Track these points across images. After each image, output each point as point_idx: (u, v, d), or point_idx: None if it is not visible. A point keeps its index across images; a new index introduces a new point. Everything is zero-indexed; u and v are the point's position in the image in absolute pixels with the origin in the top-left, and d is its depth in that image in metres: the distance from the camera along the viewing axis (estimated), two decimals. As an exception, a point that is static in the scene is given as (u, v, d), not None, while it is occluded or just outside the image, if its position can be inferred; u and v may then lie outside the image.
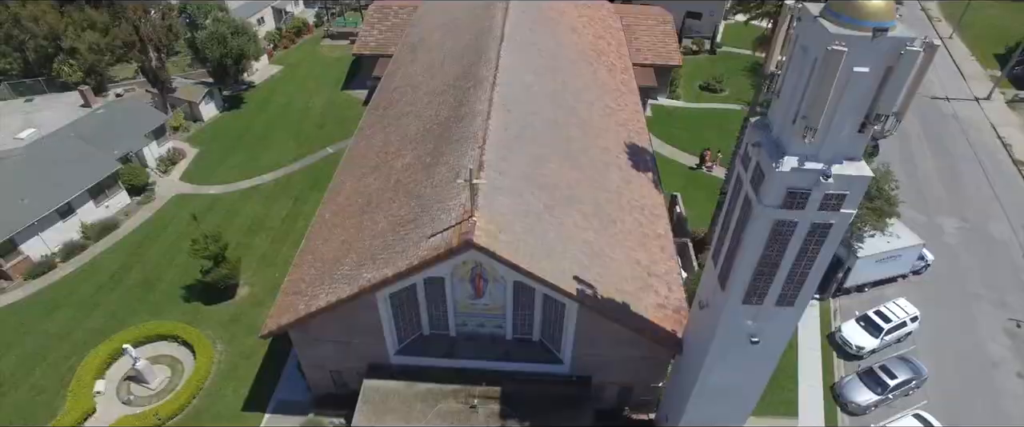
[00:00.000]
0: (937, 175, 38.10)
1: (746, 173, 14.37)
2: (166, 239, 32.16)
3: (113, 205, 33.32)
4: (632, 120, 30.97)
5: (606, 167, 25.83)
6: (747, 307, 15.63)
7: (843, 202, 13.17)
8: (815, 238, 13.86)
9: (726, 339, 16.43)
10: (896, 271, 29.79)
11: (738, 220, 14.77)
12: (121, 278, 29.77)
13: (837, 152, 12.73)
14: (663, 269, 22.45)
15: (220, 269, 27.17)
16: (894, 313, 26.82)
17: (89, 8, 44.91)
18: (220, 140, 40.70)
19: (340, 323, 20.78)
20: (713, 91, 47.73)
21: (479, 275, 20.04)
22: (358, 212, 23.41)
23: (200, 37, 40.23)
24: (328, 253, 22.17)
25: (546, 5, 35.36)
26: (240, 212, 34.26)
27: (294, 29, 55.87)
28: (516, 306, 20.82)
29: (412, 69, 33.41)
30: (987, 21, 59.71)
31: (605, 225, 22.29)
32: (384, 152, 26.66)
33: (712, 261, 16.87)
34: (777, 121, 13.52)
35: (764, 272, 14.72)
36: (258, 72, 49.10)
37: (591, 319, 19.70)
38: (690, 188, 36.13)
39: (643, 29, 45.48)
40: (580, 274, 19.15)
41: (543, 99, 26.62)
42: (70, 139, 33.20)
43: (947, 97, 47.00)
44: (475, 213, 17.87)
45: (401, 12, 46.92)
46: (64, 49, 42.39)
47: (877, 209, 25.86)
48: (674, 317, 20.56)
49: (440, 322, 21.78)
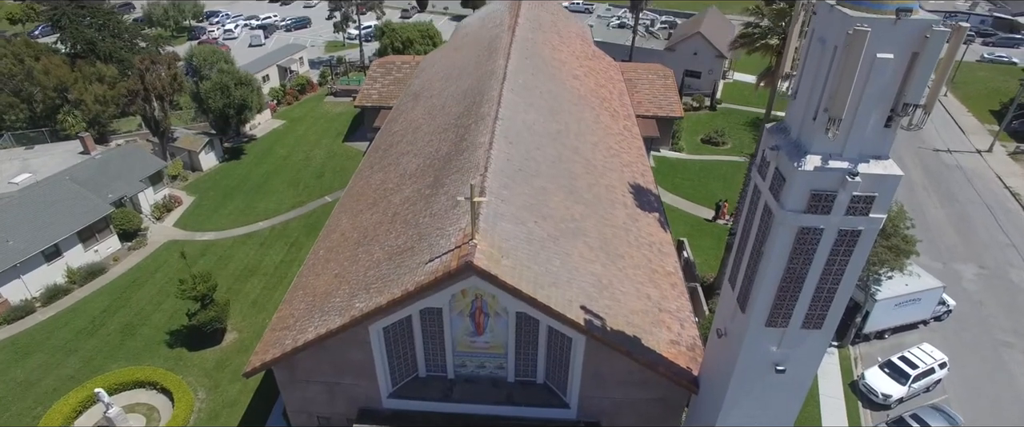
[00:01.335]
0: (948, 222, 37.26)
1: (764, 181, 13.52)
2: (154, 284, 30.95)
3: (103, 250, 32.33)
4: (636, 162, 30.48)
5: (611, 204, 25.02)
6: (771, 331, 14.36)
7: (872, 205, 12.24)
8: (843, 248, 12.83)
9: (749, 368, 15.03)
10: (917, 316, 28.37)
11: (758, 232, 13.78)
12: (102, 323, 28.34)
13: (863, 150, 11.93)
14: (675, 306, 21.17)
15: (207, 311, 25.84)
16: (920, 359, 25.23)
17: (99, 63, 45.74)
18: (218, 189, 40.21)
19: (330, 361, 19.33)
20: (715, 144, 47.80)
21: (479, 308, 18.80)
22: (353, 245, 22.40)
23: (204, 87, 40.57)
24: (319, 287, 20.99)
25: (548, 54, 35.75)
26: (233, 257, 33.20)
27: (298, 86, 56.78)
28: (519, 343, 19.42)
29: (413, 114, 33.31)
30: (977, 81, 61.05)
31: (612, 259, 21.21)
32: (382, 189, 25.96)
33: (729, 284, 15.72)
34: (795, 123, 12.81)
35: (788, 289, 13.57)
36: (260, 126, 49.42)
37: (600, 355, 18.28)
38: (696, 236, 35.25)
39: (644, 82, 46.01)
40: (587, 304, 17.91)
41: (545, 137, 26.18)
42: (65, 183, 32.65)
43: (949, 149, 46.94)
44: (476, 236, 16.88)
45: (404, 67, 47.69)
46: (70, 101, 42.73)
47: (894, 247, 24.81)
48: (688, 355, 19.12)
49: (437, 362, 20.29)
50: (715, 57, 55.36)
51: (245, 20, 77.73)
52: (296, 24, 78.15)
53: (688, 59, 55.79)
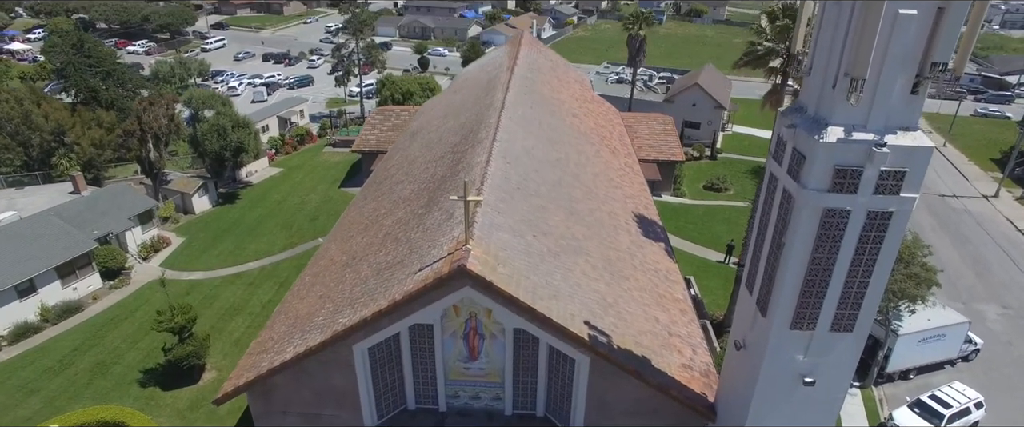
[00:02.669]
0: (963, 263, 35.91)
1: (781, 167, 12.50)
2: (133, 322, 29.30)
3: (82, 287, 30.87)
4: (639, 196, 29.60)
5: (614, 229, 23.89)
6: (796, 336, 12.91)
7: (903, 182, 11.17)
8: (873, 233, 11.63)
9: (773, 382, 13.45)
10: (943, 355, 26.58)
11: (777, 223, 12.62)
12: (71, 362, 26.52)
13: (889, 120, 10.98)
14: (685, 332, 19.64)
15: (185, 345, 24.13)
16: (954, 398, 23.33)
17: (100, 109, 45.79)
18: (209, 230, 39.12)
19: (310, 387, 17.62)
20: (718, 190, 47.11)
21: (474, 329, 17.34)
22: (340, 267, 21.10)
23: (201, 129, 40.29)
24: (302, 309, 19.54)
25: (547, 92, 35.63)
26: (219, 297, 31.68)
27: (297, 137, 56.78)
28: (517, 369, 17.77)
29: (410, 149, 32.74)
30: (974, 132, 61.52)
31: (617, 279, 19.87)
32: (375, 215, 24.89)
33: (747, 288, 14.38)
34: (812, 99, 11.94)
35: (814, 284, 12.26)
36: (257, 173, 48.90)
37: (606, 381, 16.64)
38: (703, 276, 33.86)
39: (644, 128, 45.88)
40: (591, 321, 16.45)
41: (544, 163, 25.40)
42: (49, 219, 31.61)
43: (954, 194, 46.19)
44: (470, 242, 15.68)
45: (402, 114, 47.73)
46: (66, 144, 42.39)
47: (914, 276, 23.44)
48: (702, 381, 17.44)
49: (428, 393, 18.55)
50: (714, 108, 55.66)
51: (249, 78, 79.15)
52: (299, 82, 79.47)
53: (687, 110, 56.07)
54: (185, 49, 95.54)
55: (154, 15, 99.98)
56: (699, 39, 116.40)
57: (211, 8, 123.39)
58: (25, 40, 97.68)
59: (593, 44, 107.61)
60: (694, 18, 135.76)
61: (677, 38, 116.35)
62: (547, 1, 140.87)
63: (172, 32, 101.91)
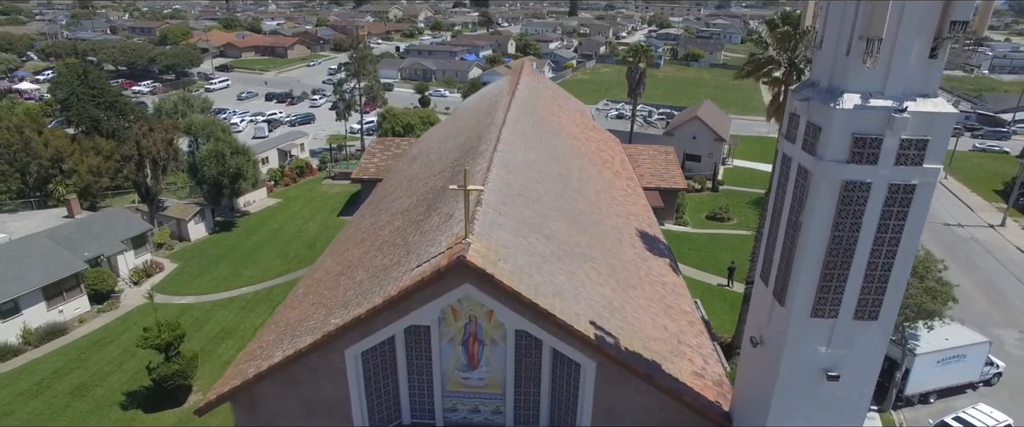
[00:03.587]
0: (975, 289, 35.01)
1: (795, 145, 11.99)
2: (119, 344, 28.21)
3: (69, 310, 29.90)
4: (642, 214, 29.04)
5: (619, 242, 23.22)
6: (817, 324, 12.11)
7: (925, 152, 10.63)
8: (896, 208, 11.02)
9: (794, 377, 12.54)
10: (963, 377, 25.45)
11: (793, 204, 12.01)
12: (50, 384, 25.33)
13: (907, 87, 10.54)
14: (695, 342, 18.71)
15: (170, 364, 23.06)
16: (981, 420, 22.11)
17: (99, 137, 45.74)
18: (203, 257, 38.36)
19: (298, 398, 16.58)
20: (720, 220, 46.60)
21: (474, 334, 16.47)
22: (335, 276, 20.32)
23: (199, 155, 40.06)
24: (294, 316, 18.66)
25: (548, 116, 35.56)
26: (211, 320, 30.68)
27: (296, 169, 56.63)
28: (519, 377, 16.78)
29: (410, 170, 32.38)
30: (974, 165, 61.65)
31: (623, 287, 19.07)
32: (372, 229, 24.24)
33: (761, 281, 13.63)
34: (824, 73, 11.54)
35: (835, 265, 11.55)
36: (255, 204, 48.44)
37: (613, 387, 15.66)
38: (709, 301, 32.94)
39: (645, 158, 45.70)
40: (598, 322, 15.60)
41: (546, 175, 24.95)
42: (39, 240, 30.95)
43: (960, 224, 45.63)
44: (470, 236, 15.02)
45: (402, 144, 47.65)
46: (64, 171, 42.10)
47: (930, 290, 22.62)
48: (716, 390, 16.44)
49: (424, 405, 17.46)
50: (714, 140, 55.75)
51: (251, 116, 79.81)
52: (301, 120, 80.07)
53: (687, 142, 56.14)
54: (190, 89, 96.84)
55: (160, 56, 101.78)
56: (696, 82, 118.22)
57: (217, 52, 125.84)
58: (34, 81, 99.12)
59: (592, 86, 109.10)
60: (691, 62, 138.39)
61: (675, 81, 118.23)
62: (546, 46, 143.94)
63: (177, 73, 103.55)
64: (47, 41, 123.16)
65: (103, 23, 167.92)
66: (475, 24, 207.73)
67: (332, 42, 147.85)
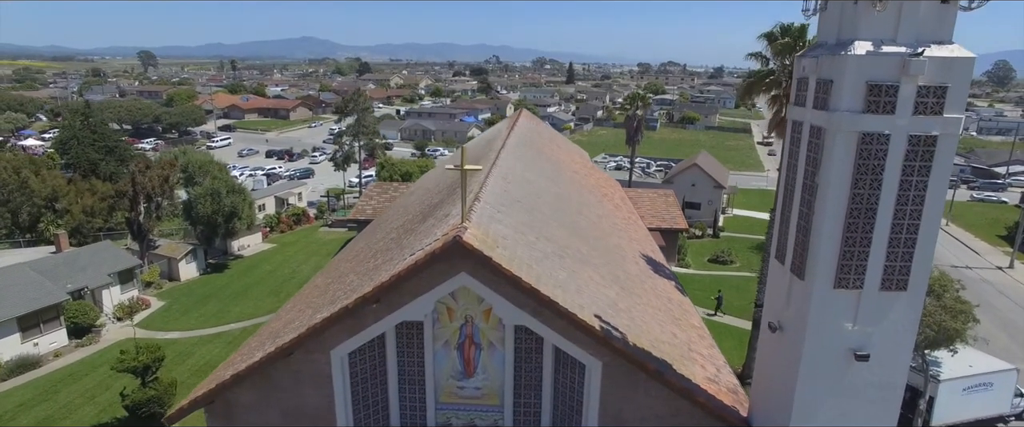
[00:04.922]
0: (992, 326, 33.74)
1: (805, 107, 11.53)
2: (93, 378, 26.65)
3: (45, 343, 28.49)
4: (644, 240, 28.31)
5: (622, 259, 22.38)
6: (842, 296, 11.20)
7: (945, 100, 10.14)
8: (917, 163, 10.41)
9: (819, 359, 11.49)
10: (992, 409, 23.95)
11: (808, 165, 11.40)
12: (13, 418, 23.62)
13: (920, 34, 10.17)
14: (706, 352, 17.56)
15: (146, 390, 21.61)
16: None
17: (95, 180, 45.49)
18: (192, 296, 37.15)
19: (279, 406, 15.30)
20: (723, 262, 45.76)
21: (470, 337, 15.44)
22: (325, 285, 19.32)
23: (194, 193, 39.61)
24: (278, 325, 17.55)
25: (547, 151, 35.44)
26: (195, 354, 29.24)
27: (293, 216, 56.12)
28: (518, 384, 15.57)
29: (408, 201, 31.86)
30: (974, 213, 61.62)
31: (628, 293, 18.10)
32: (367, 249, 23.39)
33: (777, 260, 12.80)
34: (830, 32, 11.24)
35: (858, 228, 10.80)
36: (249, 248, 47.61)
37: (620, 389, 14.49)
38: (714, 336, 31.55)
39: (645, 200, 45.27)
40: (604, 317, 14.59)
41: (546, 193, 24.42)
42: (22, 270, 29.93)
43: (967, 266, 44.78)
44: (467, 221, 14.28)
45: (400, 188, 47.38)
46: (57, 210, 41.54)
47: (948, 308, 21.58)
48: (731, 396, 15.19)
49: (415, 417, 16.13)
50: (713, 188, 55.67)
51: (251, 170, 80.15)
52: (300, 175, 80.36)
53: (687, 189, 56.02)
54: (192, 146, 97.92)
55: (165, 115, 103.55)
56: (693, 143, 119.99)
57: (221, 113, 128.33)
58: (39, 138, 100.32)
59: (590, 146, 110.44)
60: (687, 125, 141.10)
61: (671, 141, 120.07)
62: (545, 110, 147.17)
63: (181, 131, 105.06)
64: (56, 103, 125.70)
65: (113, 89, 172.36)
66: (474, 91, 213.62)
67: (334, 106, 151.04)
